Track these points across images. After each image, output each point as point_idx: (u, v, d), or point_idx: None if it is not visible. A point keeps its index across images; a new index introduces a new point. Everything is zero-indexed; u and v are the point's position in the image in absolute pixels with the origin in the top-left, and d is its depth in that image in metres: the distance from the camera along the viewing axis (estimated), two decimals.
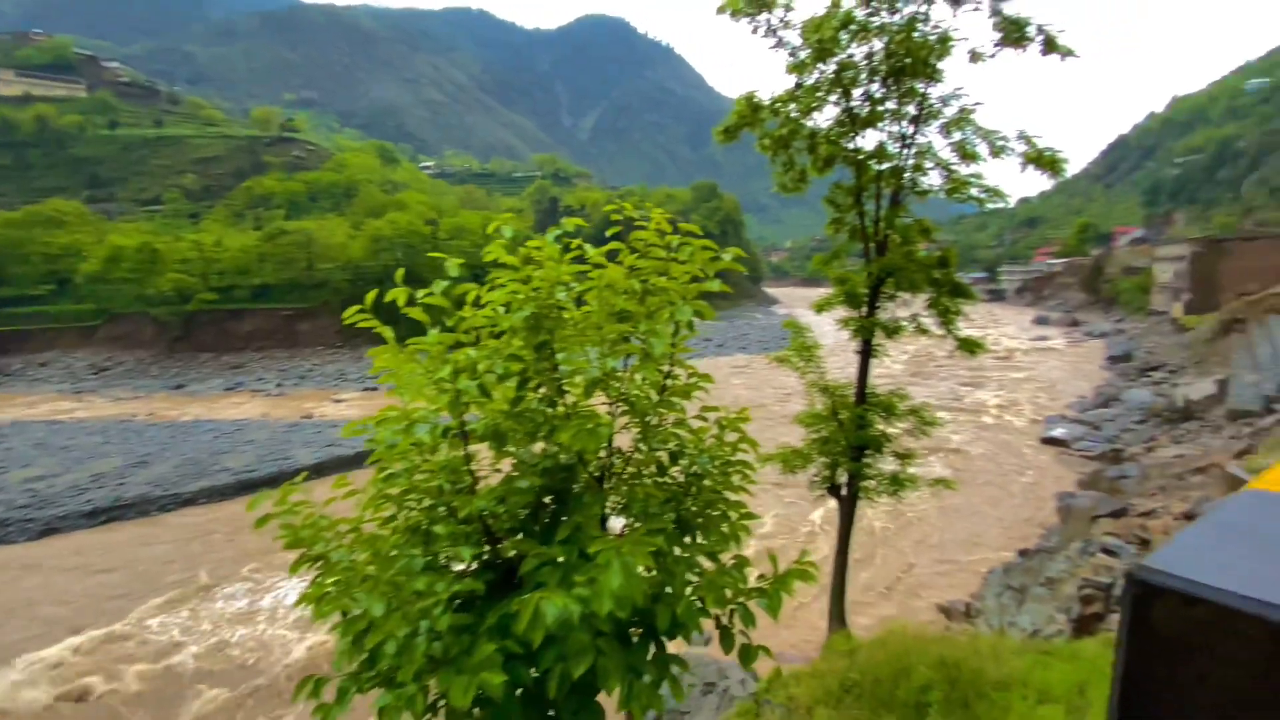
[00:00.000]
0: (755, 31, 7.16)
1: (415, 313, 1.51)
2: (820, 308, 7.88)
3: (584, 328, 1.50)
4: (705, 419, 1.88)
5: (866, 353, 7.61)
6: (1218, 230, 60.33)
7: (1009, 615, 12.50)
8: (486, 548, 1.52)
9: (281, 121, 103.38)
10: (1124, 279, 69.35)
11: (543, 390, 1.57)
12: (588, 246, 1.81)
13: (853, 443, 7.34)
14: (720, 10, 6.86)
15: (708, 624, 1.53)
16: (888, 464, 7.61)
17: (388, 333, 1.53)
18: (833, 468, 7.77)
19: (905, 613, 13.69)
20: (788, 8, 6.93)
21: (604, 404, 1.60)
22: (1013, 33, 6.17)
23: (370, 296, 1.50)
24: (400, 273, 1.56)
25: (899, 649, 5.43)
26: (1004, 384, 36.27)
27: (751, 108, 7.23)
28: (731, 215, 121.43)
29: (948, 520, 17.19)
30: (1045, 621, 11.12)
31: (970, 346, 7.05)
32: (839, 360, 12.81)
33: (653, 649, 1.40)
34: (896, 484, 7.25)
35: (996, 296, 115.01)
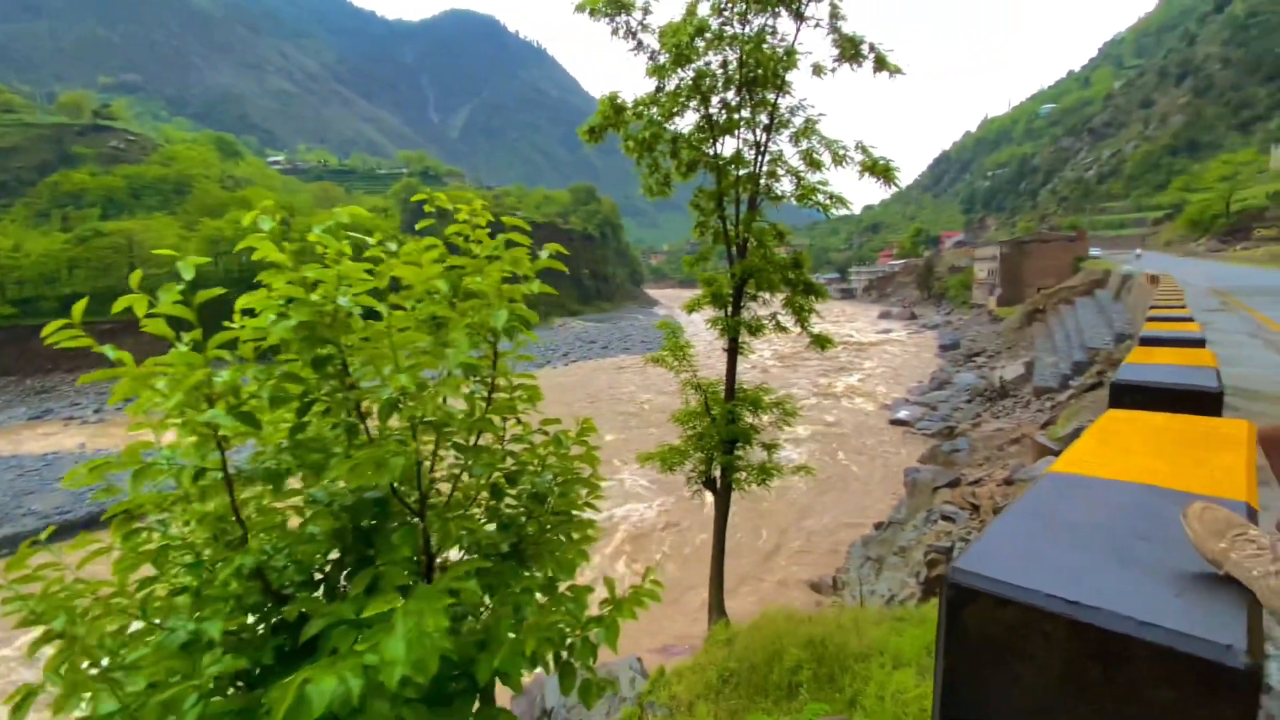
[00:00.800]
0: (615, 33, 7.16)
1: (154, 325, 1.20)
2: (691, 308, 8.07)
3: (384, 338, 1.27)
4: (547, 432, 1.70)
5: (734, 350, 7.92)
6: (1021, 234, 70.68)
7: (869, 584, 13.63)
8: (274, 608, 1.24)
9: (95, 108, 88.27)
10: (950, 277, 79.29)
11: (333, 414, 1.31)
12: (402, 242, 1.57)
13: (724, 437, 7.60)
14: (579, 9, 6.78)
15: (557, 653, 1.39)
16: (757, 455, 7.96)
17: (115, 352, 1.20)
18: (708, 462, 7.99)
19: (780, 592, 14.42)
20: (646, 10, 7.01)
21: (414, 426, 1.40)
22: (849, 49, 6.71)
23: (79, 307, 1.18)
24: (137, 275, 1.23)
25: (771, 633, 5.68)
26: (857, 372, 39.76)
27: (615, 109, 7.23)
28: (610, 218, 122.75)
29: (814, 501, 18.43)
30: (899, 587, 12.24)
31: (821, 342, 7.58)
32: (719, 359, 13.39)
33: (478, 704, 1.22)
34: (764, 473, 7.62)
35: (848, 294, 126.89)
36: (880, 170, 6.78)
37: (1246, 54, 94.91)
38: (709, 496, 8.17)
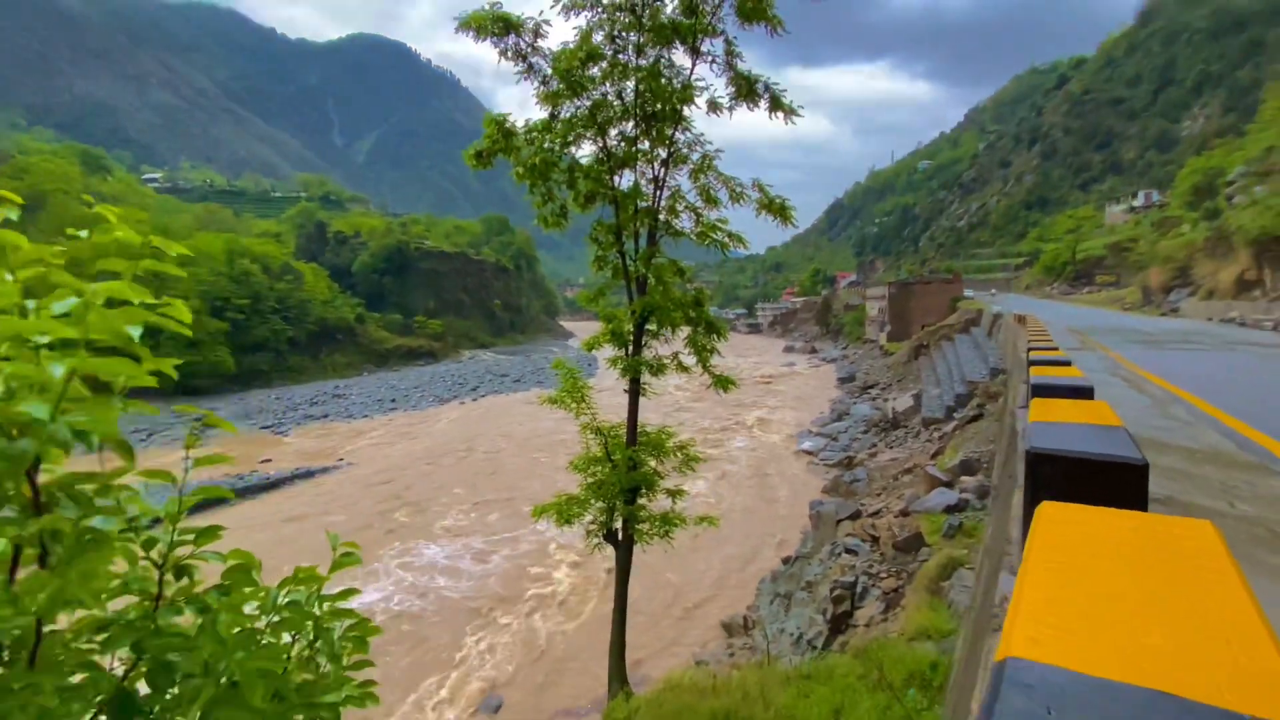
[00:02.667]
0: (504, 54, 6.75)
1: None
2: (590, 346, 7.60)
3: None
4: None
5: (635, 391, 7.50)
6: (906, 275, 76.96)
7: (779, 622, 13.43)
8: None
9: None
10: (846, 314, 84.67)
11: None
12: None
13: (625, 485, 7.10)
14: (463, 26, 6.31)
15: None
16: (660, 502, 7.51)
17: None
18: (609, 513, 7.42)
19: (690, 639, 13.91)
20: (537, 33, 6.65)
21: None
22: (744, 88, 6.69)
23: None
24: None
25: (674, 709, 5.14)
26: (765, 405, 40.83)
27: (503, 133, 6.76)
28: (525, 250, 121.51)
29: (726, 534, 18.22)
30: (808, 625, 12.09)
31: (723, 383, 7.33)
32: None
33: None
34: (667, 523, 7.16)
35: (755, 329, 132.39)
36: (776, 209, 6.75)
37: (1083, 125, 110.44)
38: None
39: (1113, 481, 1.79)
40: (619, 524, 7.39)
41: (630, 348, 7.35)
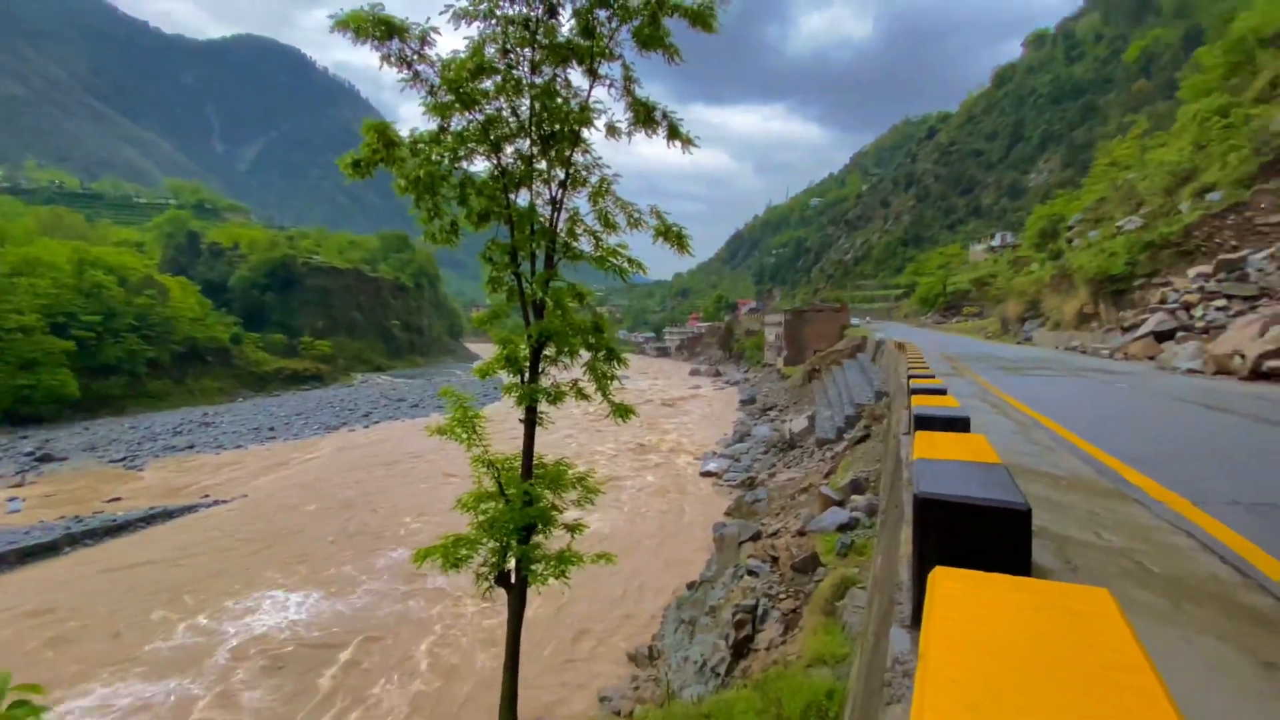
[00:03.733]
0: (387, 59, 6.29)
1: None
2: (483, 373, 7.12)
3: None
4: None
5: (531, 421, 7.09)
6: (800, 303, 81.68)
7: (684, 650, 13.25)
8: None
9: None
10: (747, 339, 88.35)
11: None
12: None
13: (519, 523, 6.63)
14: (340, 26, 5.80)
15: None
16: (558, 539, 7.10)
17: None
18: (502, 553, 6.91)
19: (596, 672, 13.42)
20: (424, 40, 6.26)
21: None
22: (642, 114, 6.65)
23: None
24: None
25: None
26: (672, 427, 41.29)
27: (384, 142, 6.25)
28: (426, 268, 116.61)
29: (631, 564, 17.93)
30: (711, 651, 11.99)
31: (622, 413, 7.10)
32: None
33: None
34: (563, 562, 6.75)
35: (663, 353, 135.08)
36: (673, 237, 6.71)
37: (950, 172, 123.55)
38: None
39: (998, 527, 1.77)
40: (511, 565, 6.89)
41: (526, 375, 6.96)
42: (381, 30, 5.91)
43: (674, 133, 6.74)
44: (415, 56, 6.26)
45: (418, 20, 6.32)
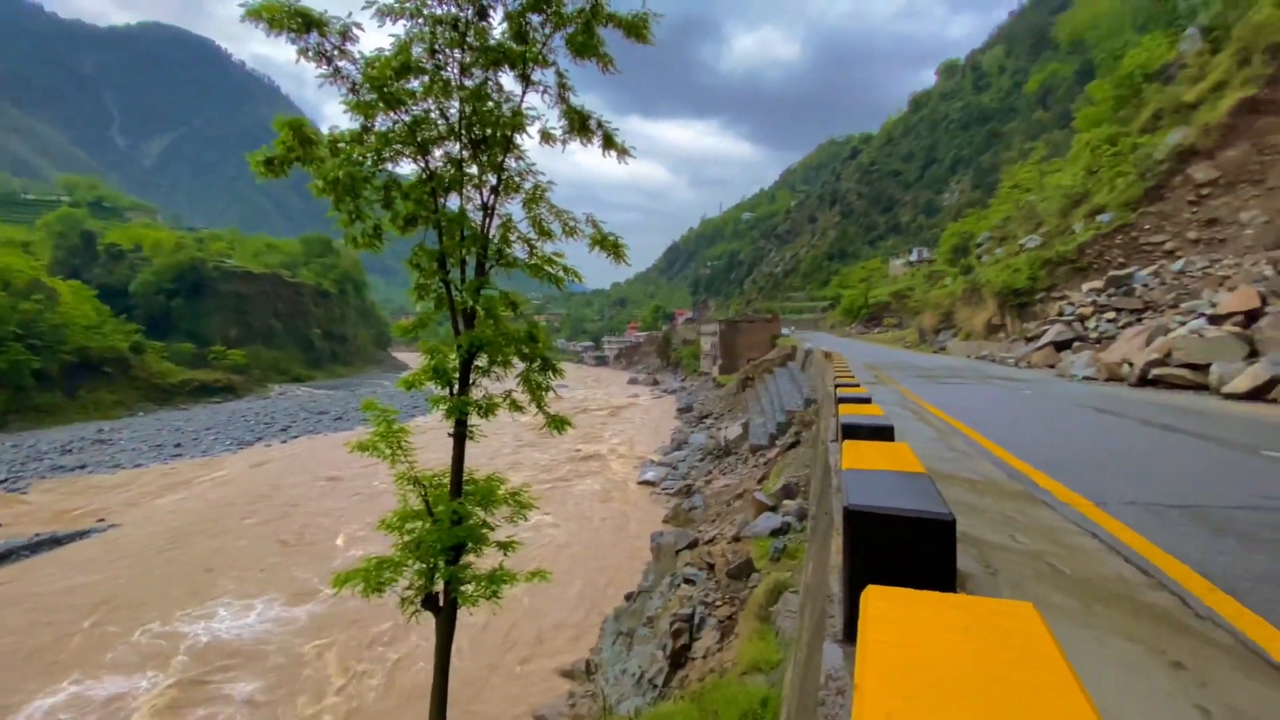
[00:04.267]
0: (305, 55, 5.91)
1: None
2: (409, 384, 6.75)
3: None
4: None
5: (461, 435, 6.79)
6: (733, 314, 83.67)
7: (621, 662, 13.09)
8: None
9: None
10: (684, 348, 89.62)
11: None
12: None
13: (448, 543, 6.33)
14: (251, 15, 5.40)
15: None
16: (489, 558, 6.82)
17: None
18: (429, 575, 6.56)
19: (532, 691, 13.06)
20: (345, 35, 5.93)
21: None
22: (576, 121, 6.57)
23: None
24: None
25: None
26: (611, 436, 41.13)
27: (300, 139, 5.87)
28: (352, 274, 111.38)
29: (569, 577, 17.62)
30: (649, 662, 11.90)
31: (557, 424, 6.93)
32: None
33: None
34: (495, 582, 6.49)
35: (602, 362, 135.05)
36: (609, 246, 6.65)
37: (871, 191, 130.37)
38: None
39: (925, 537, 1.81)
40: (440, 587, 6.55)
41: (455, 386, 6.68)
42: (298, 23, 5.54)
43: (609, 142, 6.69)
44: (335, 52, 5.92)
45: (339, 14, 5.99)
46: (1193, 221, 22.43)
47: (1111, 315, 18.58)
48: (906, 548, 1.83)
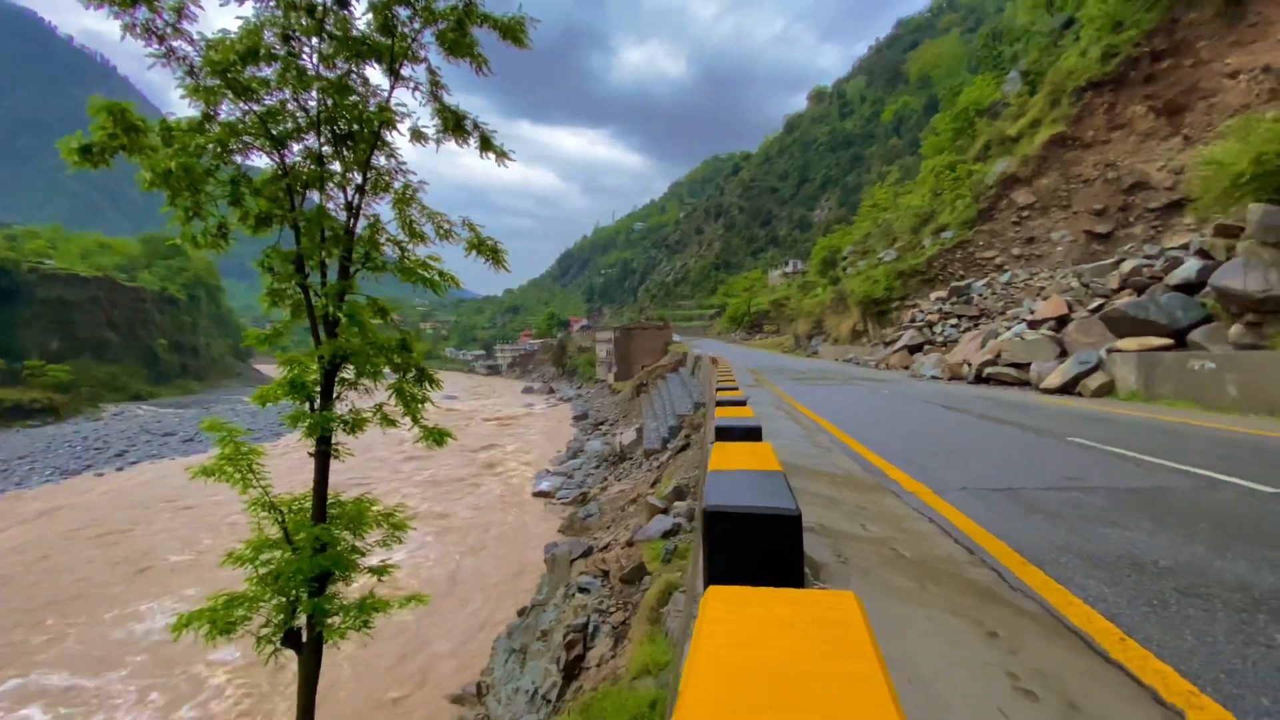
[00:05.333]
0: (131, 30, 5.19)
1: None
2: (264, 400, 6.09)
3: None
4: None
5: (325, 454, 6.22)
6: (628, 321, 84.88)
7: (515, 681, 12.66)
8: None
9: None
10: (580, 356, 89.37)
11: None
12: None
13: (310, 573, 5.76)
14: None
15: None
16: (360, 586, 6.30)
17: None
18: (290, 609, 5.94)
19: None
20: (181, 12, 5.27)
21: None
22: (450, 121, 6.30)
23: None
24: None
25: None
26: (505, 447, 40.00)
27: (124, 125, 5.13)
28: (205, 278, 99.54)
29: (460, 598, 16.84)
30: (543, 678, 11.60)
31: (435, 437, 6.55)
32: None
33: None
34: (365, 611, 6.00)
35: (494, 371, 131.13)
36: (487, 251, 6.42)
37: (752, 205, 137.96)
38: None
39: (772, 531, 1.90)
40: (302, 621, 5.95)
41: (317, 400, 6.12)
42: None
43: (486, 145, 6.48)
44: (169, 30, 5.24)
45: None
46: (1016, 239, 25.94)
47: (954, 321, 20.96)
48: (758, 542, 1.92)
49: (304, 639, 5.97)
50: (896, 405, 10.21)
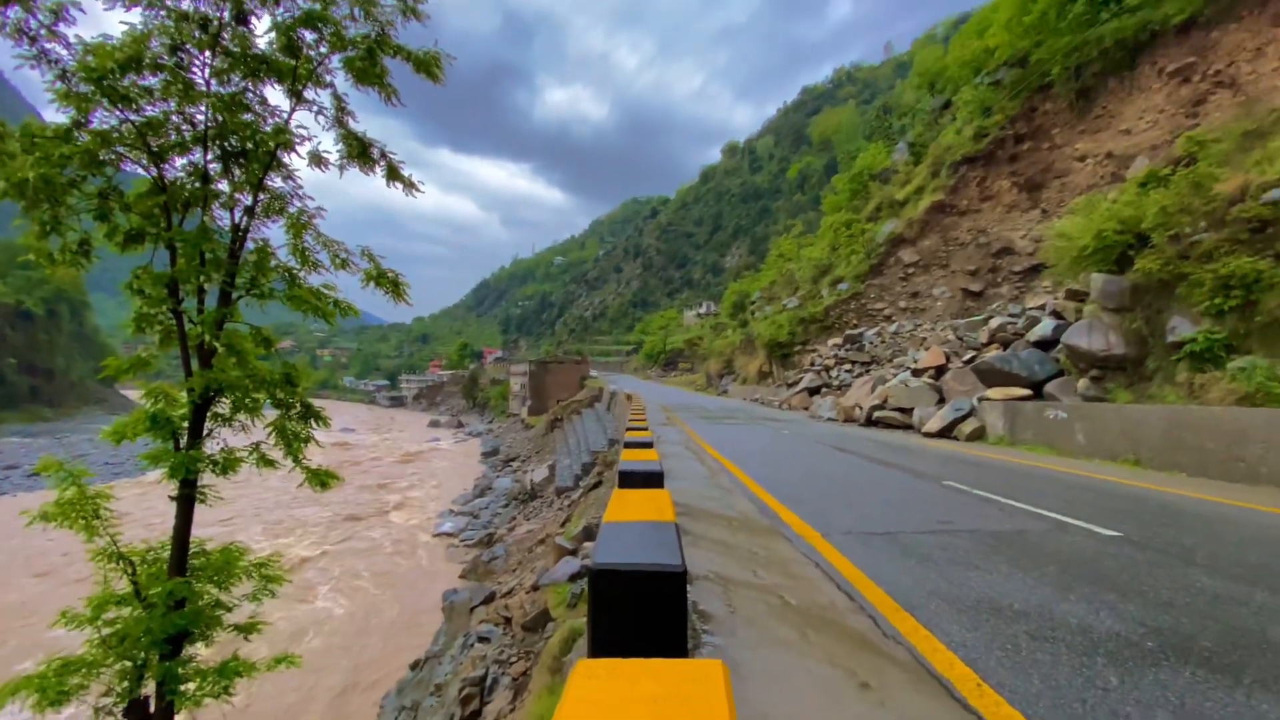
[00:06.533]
0: (0, 30, 4.66)
1: None
2: (118, 434, 5.42)
3: None
4: None
5: (189, 498, 5.59)
6: (544, 354, 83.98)
7: None
8: None
9: None
10: (492, 388, 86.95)
11: None
12: None
13: (163, 633, 5.09)
14: None
15: None
16: (224, 646, 5.63)
17: None
18: (137, 675, 5.20)
19: None
20: (58, 14, 4.80)
21: None
22: (355, 148, 6.08)
23: None
24: None
25: None
26: (407, 486, 37.81)
27: None
28: (67, 292, 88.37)
29: (348, 652, 15.47)
30: None
31: (321, 479, 6.07)
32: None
33: None
34: (226, 675, 5.34)
35: (398, 403, 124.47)
36: (387, 283, 6.16)
37: (669, 248, 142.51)
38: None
39: (658, 589, 1.91)
40: (150, 689, 5.21)
41: (183, 439, 5.51)
42: None
43: (394, 174, 6.29)
44: (43, 32, 4.74)
45: None
46: (903, 293, 28.38)
47: (849, 366, 22.43)
48: (642, 602, 1.92)
49: (151, 709, 5.22)
50: (796, 446, 10.68)
